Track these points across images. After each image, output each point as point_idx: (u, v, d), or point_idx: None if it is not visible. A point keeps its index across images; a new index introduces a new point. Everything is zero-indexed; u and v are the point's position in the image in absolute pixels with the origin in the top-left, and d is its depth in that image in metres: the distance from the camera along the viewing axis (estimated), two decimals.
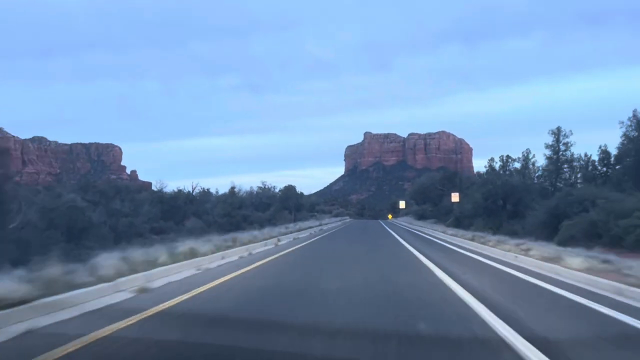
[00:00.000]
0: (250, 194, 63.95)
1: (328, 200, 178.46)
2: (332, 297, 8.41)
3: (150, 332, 5.76)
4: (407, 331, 5.87)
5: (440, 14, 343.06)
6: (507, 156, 36.10)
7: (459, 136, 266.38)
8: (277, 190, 58.23)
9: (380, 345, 5.28)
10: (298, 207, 55.42)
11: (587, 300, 8.12)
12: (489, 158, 37.78)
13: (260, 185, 60.58)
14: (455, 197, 67.29)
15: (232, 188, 60.30)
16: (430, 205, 53.44)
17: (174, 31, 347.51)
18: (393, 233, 35.13)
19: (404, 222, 63.04)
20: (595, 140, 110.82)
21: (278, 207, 51.57)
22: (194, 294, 8.37)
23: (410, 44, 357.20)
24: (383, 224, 56.97)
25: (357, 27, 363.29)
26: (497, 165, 37.01)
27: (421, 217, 58.21)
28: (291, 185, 56.65)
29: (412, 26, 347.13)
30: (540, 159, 36.49)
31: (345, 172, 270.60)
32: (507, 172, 35.45)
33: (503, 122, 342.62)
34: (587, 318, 7.03)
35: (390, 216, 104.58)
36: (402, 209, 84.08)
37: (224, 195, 60.43)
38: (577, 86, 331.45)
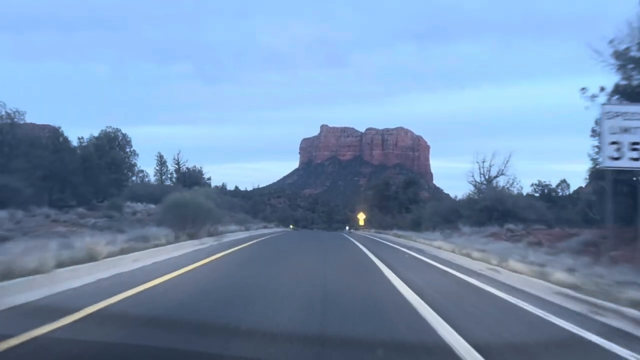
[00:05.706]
0: None
1: (274, 193, 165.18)
2: None
3: None
4: None
5: (394, 14, 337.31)
6: None
7: (417, 133, 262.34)
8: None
9: None
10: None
11: None
12: None
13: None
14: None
15: None
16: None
17: (125, 14, 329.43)
18: None
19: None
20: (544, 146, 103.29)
21: None
22: None
23: (364, 41, 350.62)
24: None
25: (313, 22, 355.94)
26: None
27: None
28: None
29: (366, 24, 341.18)
30: None
31: (299, 166, 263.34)
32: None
33: (455, 123, 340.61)
34: None
35: (362, 219, 57.96)
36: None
37: None
38: (523, 92, 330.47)
